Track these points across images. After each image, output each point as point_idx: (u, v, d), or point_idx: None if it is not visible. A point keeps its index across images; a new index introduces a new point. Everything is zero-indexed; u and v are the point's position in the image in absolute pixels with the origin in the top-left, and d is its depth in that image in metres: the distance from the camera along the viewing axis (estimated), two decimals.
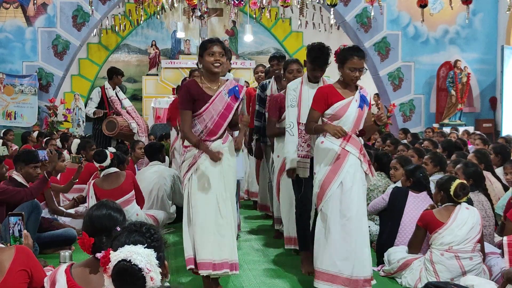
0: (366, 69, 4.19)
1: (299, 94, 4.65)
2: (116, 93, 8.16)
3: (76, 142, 7.33)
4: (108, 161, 5.76)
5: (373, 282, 4.15)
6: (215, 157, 4.00)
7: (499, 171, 5.99)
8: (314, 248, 4.16)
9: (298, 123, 4.59)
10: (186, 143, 4.18)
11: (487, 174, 5.66)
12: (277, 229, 5.88)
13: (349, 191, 4.00)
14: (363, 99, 4.17)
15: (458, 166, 5.14)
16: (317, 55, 4.60)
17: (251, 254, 5.41)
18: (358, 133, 4.13)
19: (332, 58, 4.42)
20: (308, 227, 4.61)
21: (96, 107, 8.08)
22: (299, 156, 4.58)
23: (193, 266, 3.99)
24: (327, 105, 4.09)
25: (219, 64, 4.06)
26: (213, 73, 4.11)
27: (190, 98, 4.08)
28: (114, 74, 8.10)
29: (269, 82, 5.91)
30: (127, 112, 8.14)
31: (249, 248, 5.64)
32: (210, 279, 4.06)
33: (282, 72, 5.48)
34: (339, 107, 4.07)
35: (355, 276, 3.97)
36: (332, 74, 4.81)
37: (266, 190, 6.33)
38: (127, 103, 8.27)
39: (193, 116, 4.10)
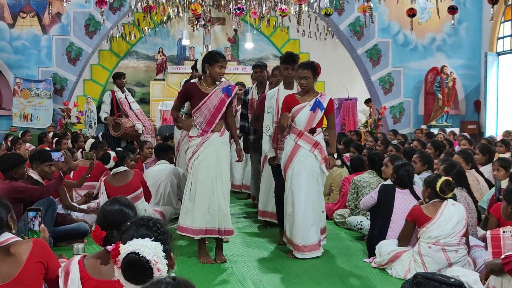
0: (308, 77, 4.89)
1: (276, 100, 5.32)
2: (125, 96, 8.17)
3: (90, 141, 7.38)
4: (112, 163, 5.76)
5: (318, 253, 4.90)
6: (189, 125, 4.84)
7: (484, 169, 5.99)
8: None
9: (277, 122, 5.21)
10: (191, 133, 4.85)
11: (474, 172, 5.67)
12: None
13: (298, 176, 4.86)
14: (317, 104, 4.90)
15: (442, 166, 5.14)
16: (286, 56, 5.37)
17: (248, 234, 5.65)
18: (309, 131, 4.88)
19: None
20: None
21: (109, 109, 8.10)
22: (279, 149, 5.27)
23: (185, 234, 4.74)
24: (289, 108, 4.93)
25: (223, 75, 4.85)
26: (216, 81, 4.82)
27: (186, 95, 4.90)
28: (114, 78, 8.21)
29: (251, 87, 6.50)
30: (135, 114, 8.15)
31: (246, 229, 6.00)
32: (204, 243, 4.82)
33: (267, 75, 6.21)
34: (294, 110, 4.92)
35: (301, 243, 4.83)
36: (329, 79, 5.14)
37: (253, 181, 6.83)
38: (135, 106, 8.27)
39: (195, 111, 4.79)
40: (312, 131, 4.91)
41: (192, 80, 6.44)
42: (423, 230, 4.29)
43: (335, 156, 5.13)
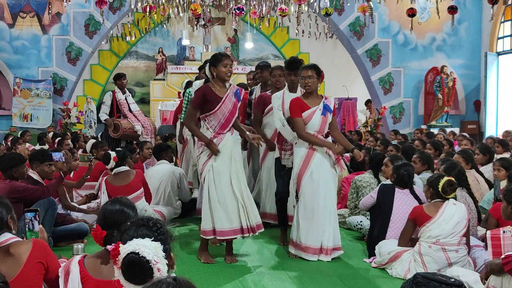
0: (312, 76, 4.84)
1: (282, 103, 5.25)
2: (126, 98, 8.17)
3: (91, 142, 7.38)
4: (112, 163, 5.76)
5: (341, 252, 4.93)
6: (214, 150, 4.68)
7: (483, 169, 5.99)
8: (293, 224, 5.01)
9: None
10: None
11: (473, 172, 5.66)
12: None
13: (318, 181, 4.80)
14: (326, 108, 4.86)
15: (442, 166, 5.14)
16: (289, 62, 5.33)
17: None
18: (324, 135, 4.88)
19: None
20: (286, 209, 5.35)
21: (108, 110, 8.12)
22: (286, 151, 5.24)
23: (211, 236, 4.73)
24: (302, 111, 4.83)
25: (230, 73, 4.76)
26: (225, 80, 4.77)
27: (202, 99, 4.72)
28: (115, 79, 8.24)
29: (255, 88, 6.48)
30: (134, 115, 8.15)
31: None
32: (207, 243, 4.84)
33: (269, 76, 6.04)
34: (306, 115, 4.83)
35: (325, 246, 4.81)
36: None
37: (252, 184, 6.71)
38: (134, 107, 8.28)
39: (208, 115, 4.74)
40: (326, 135, 4.91)
41: (197, 83, 6.43)
42: (423, 229, 4.30)
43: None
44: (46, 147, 8.29)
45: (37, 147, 8.37)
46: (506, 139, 8.64)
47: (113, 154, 5.78)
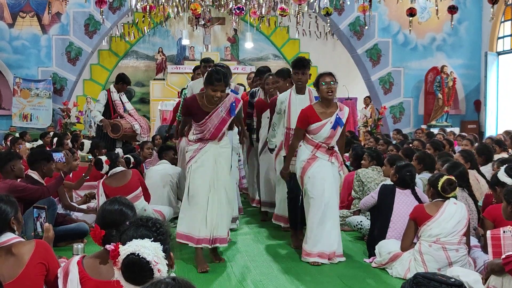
0: (337, 82, 4.80)
1: (288, 104, 5.25)
2: (119, 97, 8.10)
3: (86, 143, 7.34)
4: (106, 167, 5.74)
5: (343, 258, 4.81)
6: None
7: (484, 168, 5.98)
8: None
9: (288, 128, 5.26)
10: (190, 138, 4.71)
11: (474, 172, 5.66)
12: (263, 211, 6.40)
13: (318, 184, 4.73)
14: (337, 121, 4.77)
15: (445, 166, 5.15)
16: (296, 61, 5.27)
17: (248, 234, 5.87)
18: (328, 147, 4.81)
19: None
20: (297, 211, 5.22)
21: (103, 109, 8.03)
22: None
23: (182, 241, 4.60)
24: (309, 124, 4.78)
25: (218, 98, 4.54)
26: (211, 103, 4.58)
27: (188, 111, 4.67)
28: (120, 81, 8.06)
29: (258, 90, 6.57)
30: (130, 114, 8.10)
31: (246, 228, 6.15)
32: (202, 250, 4.62)
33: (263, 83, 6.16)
34: (315, 127, 4.78)
35: (321, 251, 4.70)
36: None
37: (253, 183, 6.77)
38: (129, 106, 8.18)
39: (194, 123, 4.65)
40: (331, 148, 4.84)
41: (191, 83, 6.40)
42: (424, 228, 4.30)
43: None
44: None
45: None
46: (507, 136, 8.64)
47: (103, 158, 5.75)
